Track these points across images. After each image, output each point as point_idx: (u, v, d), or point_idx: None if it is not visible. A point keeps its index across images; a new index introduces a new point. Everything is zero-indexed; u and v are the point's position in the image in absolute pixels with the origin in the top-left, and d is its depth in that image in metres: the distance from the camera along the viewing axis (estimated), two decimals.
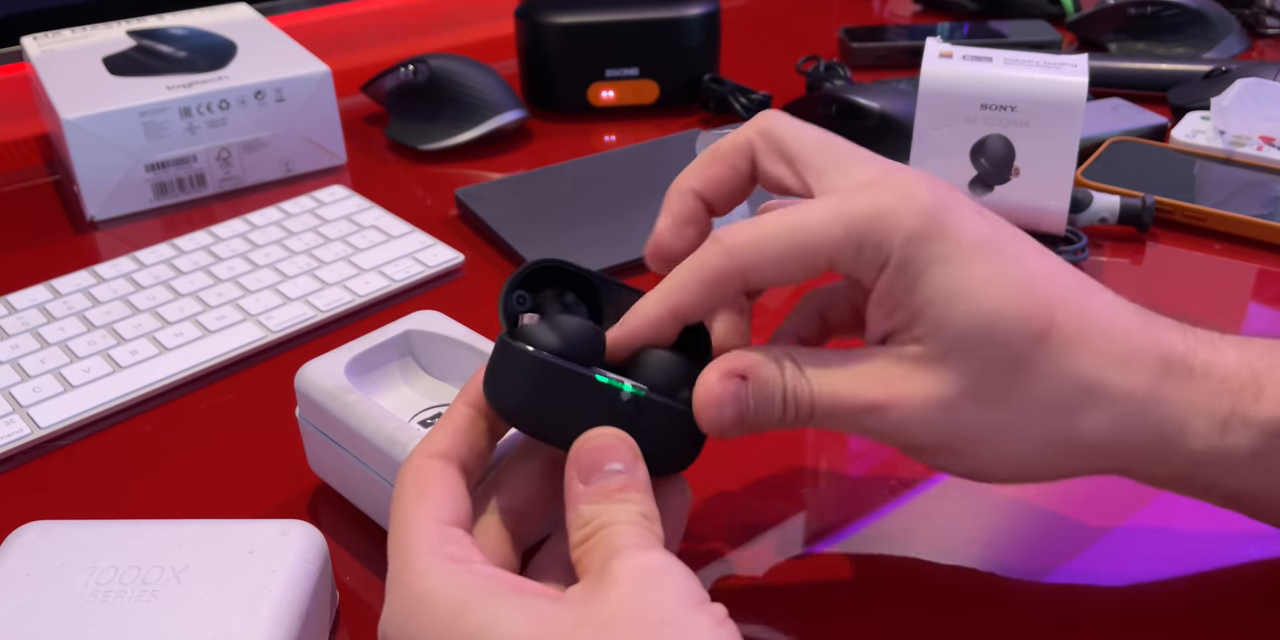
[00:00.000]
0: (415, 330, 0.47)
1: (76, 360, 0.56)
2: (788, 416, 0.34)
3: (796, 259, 0.33)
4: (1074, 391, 0.34)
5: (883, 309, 0.34)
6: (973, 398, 0.33)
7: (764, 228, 0.34)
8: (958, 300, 0.33)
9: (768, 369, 0.34)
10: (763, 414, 0.34)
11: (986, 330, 0.33)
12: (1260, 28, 0.96)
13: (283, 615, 0.37)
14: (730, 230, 0.34)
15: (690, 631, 0.28)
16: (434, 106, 0.79)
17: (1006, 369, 0.33)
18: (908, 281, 0.33)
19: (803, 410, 0.34)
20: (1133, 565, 0.44)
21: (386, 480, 0.42)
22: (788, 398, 0.34)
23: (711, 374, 0.34)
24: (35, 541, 0.39)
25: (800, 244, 0.33)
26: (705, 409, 0.34)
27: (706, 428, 0.34)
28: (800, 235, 0.33)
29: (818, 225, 0.33)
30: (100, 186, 0.70)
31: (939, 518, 0.47)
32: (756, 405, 0.34)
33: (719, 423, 0.34)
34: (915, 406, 0.33)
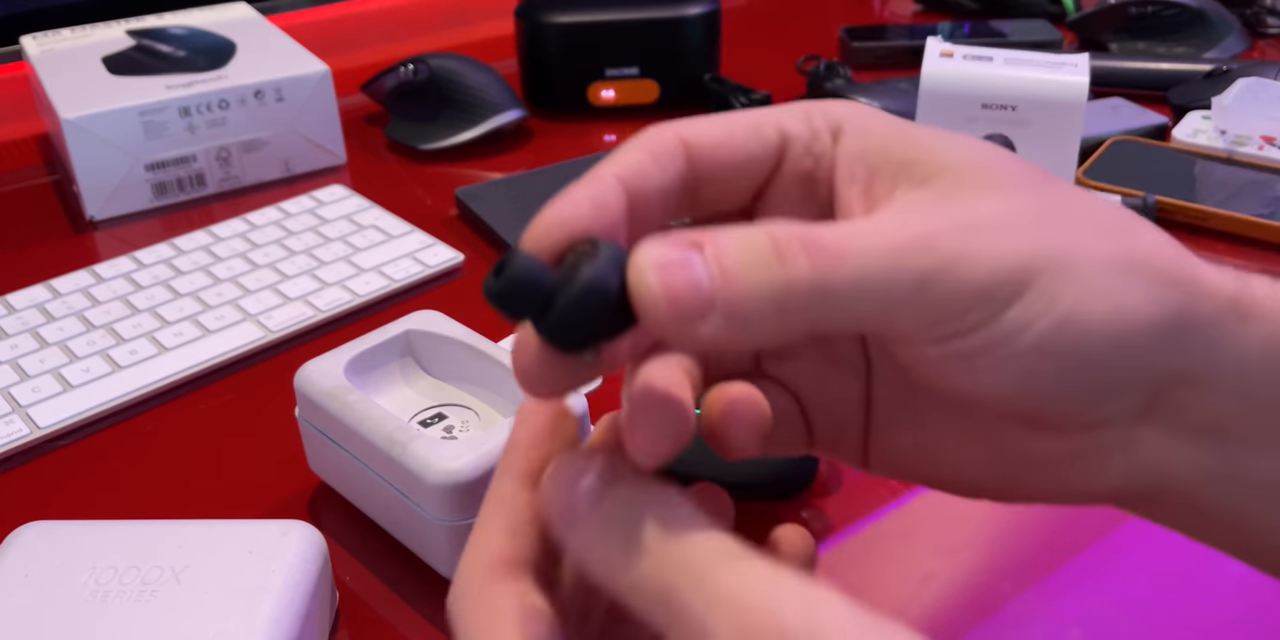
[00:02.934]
0: (415, 330, 0.47)
1: (76, 360, 0.56)
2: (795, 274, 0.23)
3: (744, 127, 0.27)
4: (1118, 210, 0.27)
5: (854, 180, 0.27)
6: (1022, 212, 0.25)
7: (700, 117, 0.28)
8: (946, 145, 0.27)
9: (738, 231, 0.23)
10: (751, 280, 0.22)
11: (991, 161, 0.26)
12: (1261, 27, 0.96)
13: (282, 615, 0.37)
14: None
15: None
16: (434, 106, 0.79)
17: (1036, 189, 0.26)
18: (875, 137, 0.27)
19: (822, 260, 0.23)
20: (1133, 566, 0.44)
21: (386, 480, 0.42)
22: (786, 247, 0.23)
23: (650, 246, 0.23)
24: (35, 541, 0.39)
25: (744, 115, 0.28)
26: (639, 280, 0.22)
27: (652, 315, 0.22)
28: (742, 113, 0.28)
29: (758, 110, 0.28)
30: (100, 186, 0.69)
31: (940, 519, 0.47)
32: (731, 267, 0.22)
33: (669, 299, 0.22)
34: (971, 225, 0.24)
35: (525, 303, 0.23)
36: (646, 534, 0.23)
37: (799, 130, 0.28)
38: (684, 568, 0.22)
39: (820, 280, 0.23)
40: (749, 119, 0.28)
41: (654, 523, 0.23)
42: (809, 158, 0.28)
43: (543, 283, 0.23)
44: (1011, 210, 0.25)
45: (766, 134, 0.27)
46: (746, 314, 0.22)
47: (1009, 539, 0.45)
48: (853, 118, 0.28)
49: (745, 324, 0.23)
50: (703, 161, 0.27)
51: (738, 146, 0.27)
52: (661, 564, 0.22)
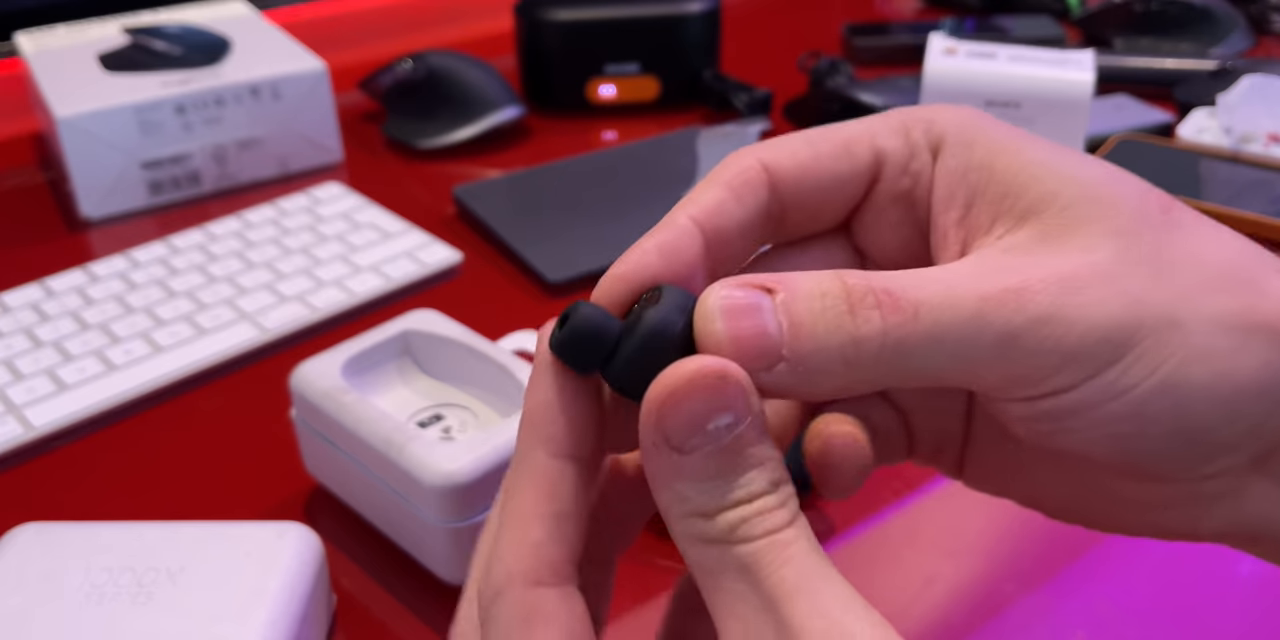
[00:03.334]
0: (413, 330, 0.46)
1: (70, 360, 0.55)
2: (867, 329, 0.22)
3: (831, 147, 0.26)
4: (1245, 249, 0.24)
5: (953, 203, 0.25)
6: (1129, 261, 0.23)
7: (786, 136, 0.26)
8: (1059, 165, 0.24)
9: (812, 275, 0.22)
10: (819, 334, 0.22)
11: (1111, 187, 0.24)
12: (1266, 24, 0.95)
13: (279, 618, 0.37)
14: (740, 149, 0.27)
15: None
16: (432, 103, 0.79)
17: (1159, 225, 0.24)
18: (980, 154, 0.25)
19: (895, 316, 0.22)
20: (1137, 568, 0.43)
21: (384, 482, 0.42)
22: (860, 300, 0.22)
23: (715, 287, 0.22)
24: (30, 543, 0.39)
25: (835, 132, 0.26)
26: (706, 324, 0.22)
27: (711, 349, 0.22)
28: (832, 129, 0.26)
29: (850, 122, 0.26)
30: (94, 184, 0.69)
31: (944, 521, 0.46)
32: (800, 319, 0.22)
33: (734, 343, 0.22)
34: (1067, 281, 0.22)
35: (590, 353, 0.23)
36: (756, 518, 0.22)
37: (895, 147, 0.26)
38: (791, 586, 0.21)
39: (892, 337, 0.22)
40: (840, 137, 0.26)
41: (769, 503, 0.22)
42: (906, 177, 0.26)
43: (606, 332, 0.23)
44: (1118, 259, 0.23)
45: (858, 154, 0.26)
46: (813, 367, 0.22)
47: (1013, 541, 0.45)
48: (956, 130, 0.26)
49: (812, 376, 0.22)
50: (787, 188, 0.26)
51: (825, 170, 0.26)
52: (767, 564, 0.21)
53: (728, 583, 0.22)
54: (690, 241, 0.24)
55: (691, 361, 0.21)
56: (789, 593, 0.21)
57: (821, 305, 0.22)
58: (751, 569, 0.21)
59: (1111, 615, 0.41)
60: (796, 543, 0.21)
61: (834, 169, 0.26)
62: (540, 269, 0.62)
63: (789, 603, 0.21)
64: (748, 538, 0.21)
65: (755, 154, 0.26)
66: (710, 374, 0.21)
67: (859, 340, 0.22)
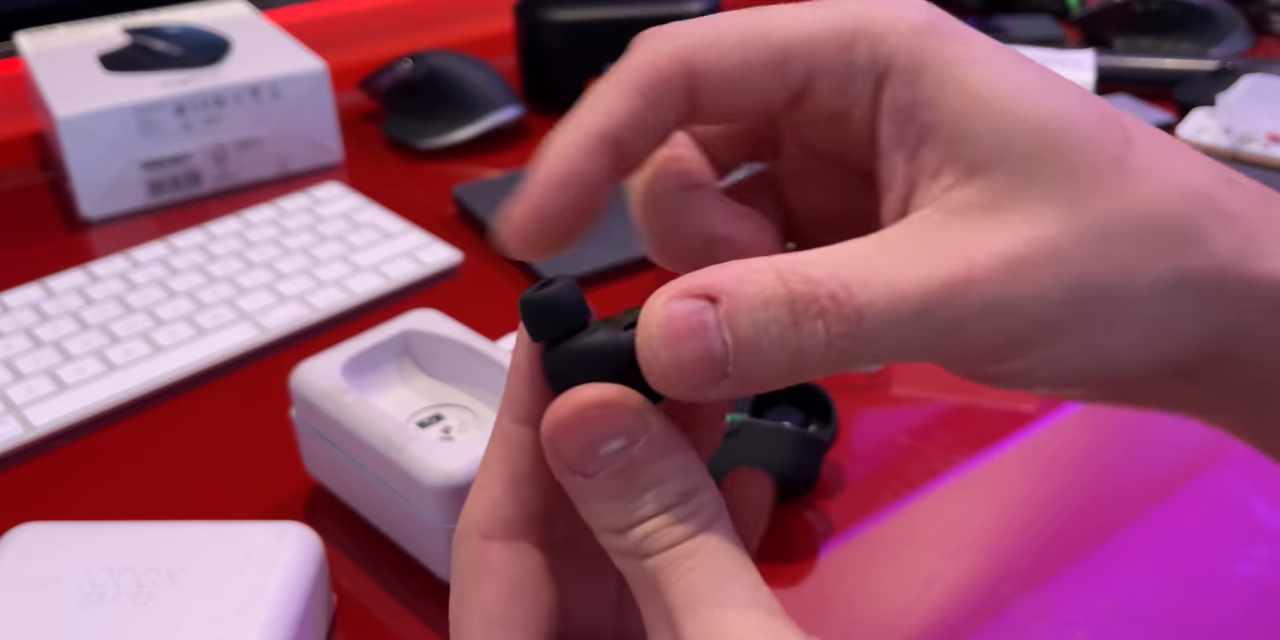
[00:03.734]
0: (413, 330, 0.46)
1: (70, 360, 0.55)
2: (810, 342, 0.21)
3: (763, 55, 0.24)
4: (1192, 198, 0.23)
5: (901, 142, 0.24)
6: (1075, 234, 0.22)
7: (721, 17, 0.24)
8: (1012, 101, 0.23)
9: (755, 277, 0.21)
10: (763, 349, 0.21)
11: (1063, 136, 0.23)
12: (1266, 24, 0.95)
13: (279, 618, 0.37)
14: (669, 24, 0.25)
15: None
16: (432, 103, 0.79)
17: (1109, 181, 0.23)
18: (930, 87, 0.23)
19: (839, 325, 0.21)
20: (1137, 569, 0.43)
21: (383, 482, 0.42)
22: (804, 309, 0.21)
23: (657, 298, 0.22)
24: (30, 543, 0.39)
25: (773, 35, 0.24)
26: (649, 350, 0.21)
27: (661, 384, 0.22)
28: (772, 25, 0.24)
29: (794, 20, 0.24)
30: (94, 184, 0.69)
31: (944, 521, 0.46)
32: (744, 335, 0.21)
33: (679, 370, 0.21)
34: (1013, 266, 0.22)
35: (545, 328, 0.23)
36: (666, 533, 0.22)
37: (831, 68, 0.24)
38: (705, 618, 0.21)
39: (836, 346, 0.21)
40: (775, 44, 0.24)
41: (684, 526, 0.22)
42: (841, 100, 0.24)
43: (569, 316, 0.23)
44: (1065, 233, 0.22)
45: (792, 70, 0.24)
46: (757, 379, 0.22)
47: (1013, 541, 0.45)
48: (906, 52, 0.23)
49: (757, 385, 0.22)
50: (706, 96, 0.24)
51: (752, 82, 0.24)
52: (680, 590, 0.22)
53: (642, 593, 0.22)
54: (600, 166, 0.24)
55: (576, 393, 0.22)
56: (683, 605, 0.21)
57: (765, 318, 0.21)
58: (655, 581, 0.22)
59: (1111, 615, 0.41)
60: (699, 554, 0.22)
61: (761, 83, 0.24)
62: (540, 269, 0.62)
63: (683, 614, 0.21)
64: (650, 552, 0.22)
65: (678, 49, 0.24)
66: (591, 405, 0.22)
67: (804, 351, 0.21)
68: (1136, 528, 0.45)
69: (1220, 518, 0.44)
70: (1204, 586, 0.42)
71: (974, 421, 0.52)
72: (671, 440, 0.23)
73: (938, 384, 0.54)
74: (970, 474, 0.48)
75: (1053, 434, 0.51)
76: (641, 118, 0.24)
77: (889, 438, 0.51)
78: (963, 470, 0.49)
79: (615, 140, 0.24)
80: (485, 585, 0.24)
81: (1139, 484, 0.47)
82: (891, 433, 0.51)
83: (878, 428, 0.51)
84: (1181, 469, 0.48)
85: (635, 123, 0.24)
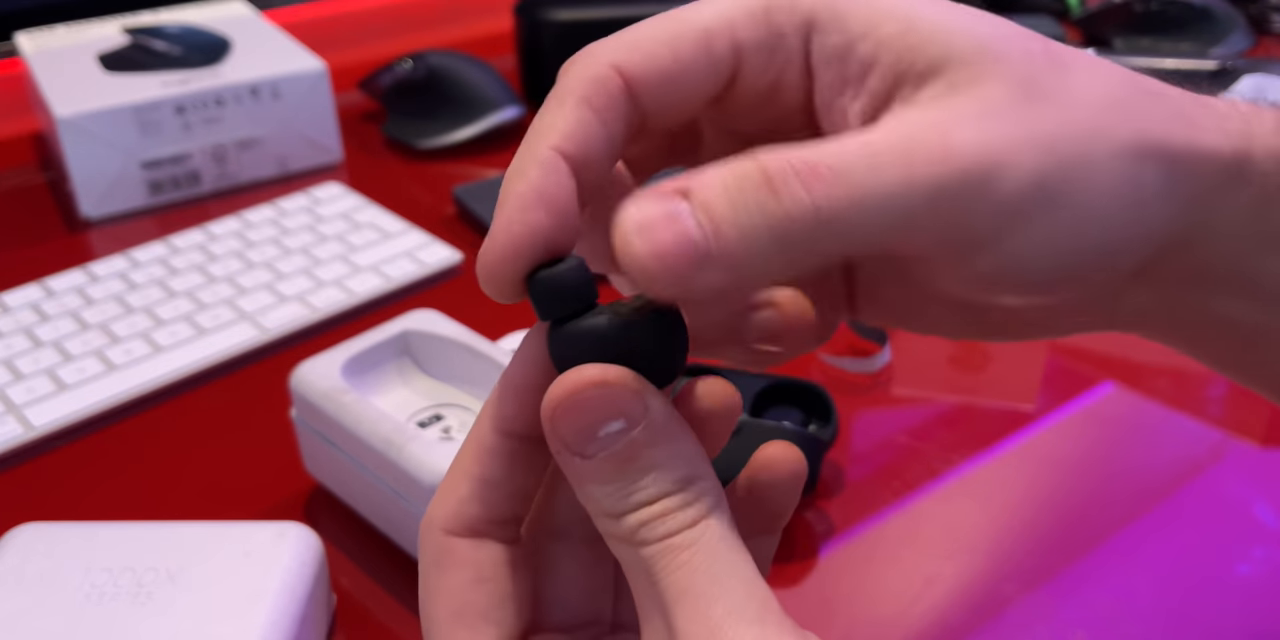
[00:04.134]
0: (413, 330, 0.46)
1: (70, 360, 0.55)
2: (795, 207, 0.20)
3: (688, 45, 0.24)
4: (1122, 82, 0.24)
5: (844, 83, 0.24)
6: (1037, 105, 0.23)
7: (638, 25, 0.25)
8: (942, 19, 0.24)
9: (724, 170, 0.21)
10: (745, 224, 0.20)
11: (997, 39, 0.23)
12: (1266, 24, 0.95)
13: (279, 618, 0.37)
14: (590, 45, 0.24)
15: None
16: (432, 103, 0.79)
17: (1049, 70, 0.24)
18: (860, 23, 0.24)
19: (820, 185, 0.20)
20: (1137, 569, 0.43)
21: (384, 482, 0.42)
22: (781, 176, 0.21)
23: (631, 206, 0.21)
24: (30, 543, 0.39)
25: (692, 24, 0.24)
26: (623, 243, 0.21)
27: (642, 278, 0.21)
28: (688, 17, 0.24)
29: (709, 8, 0.24)
30: (94, 184, 0.69)
31: (944, 521, 0.46)
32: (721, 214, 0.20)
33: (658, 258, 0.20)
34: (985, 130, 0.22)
35: (555, 306, 0.23)
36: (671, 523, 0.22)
37: (757, 39, 0.24)
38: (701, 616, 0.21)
39: (823, 209, 0.20)
40: (697, 30, 0.24)
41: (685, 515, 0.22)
42: (770, 70, 0.25)
43: (578, 295, 0.23)
44: (1028, 104, 0.23)
45: (719, 51, 0.24)
46: (746, 258, 0.21)
47: (1013, 541, 0.45)
48: (822, 5, 0.24)
49: (748, 268, 0.21)
50: (648, 98, 0.24)
51: (686, 74, 0.24)
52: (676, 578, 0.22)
53: (636, 581, 0.22)
54: (567, 184, 0.23)
55: (577, 372, 0.22)
56: (676, 597, 0.21)
57: (741, 192, 0.20)
58: (651, 571, 0.22)
59: (1111, 615, 0.41)
60: (696, 544, 0.21)
61: (694, 71, 0.24)
62: None
63: (675, 607, 0.21)
64: (647, 540, 0.22)
65: (609, 58, 0.24)
66: (591, 384, 0.21)
67: (788, 218, 0.20)
68: (1136, 528, 0.45)
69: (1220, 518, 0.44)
70: (1204, 586, 0.42)
71: (974, 421, 0.52)
72: (673, 426, 0.22)
73: (938, 384, 0.54)
74: (970, 474, 0.48)
75: (1053, 434, 0.51)
76: (592, 130, 0.23)
77: (889, 438, 0.51)
78: (963, 470, 0.49)
79: (573, 156, 0.23)
80: (450, 576, 0.24)
81: (1139, 484, 0.47)
82: (891, 433, 0.51)
83: (878, 428, 0.51)
84: (1181, 469, 0.48)
85: (588, 135, 0.23)
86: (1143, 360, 0.55)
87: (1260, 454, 0.49)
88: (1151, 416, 0.52)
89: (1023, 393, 0.53)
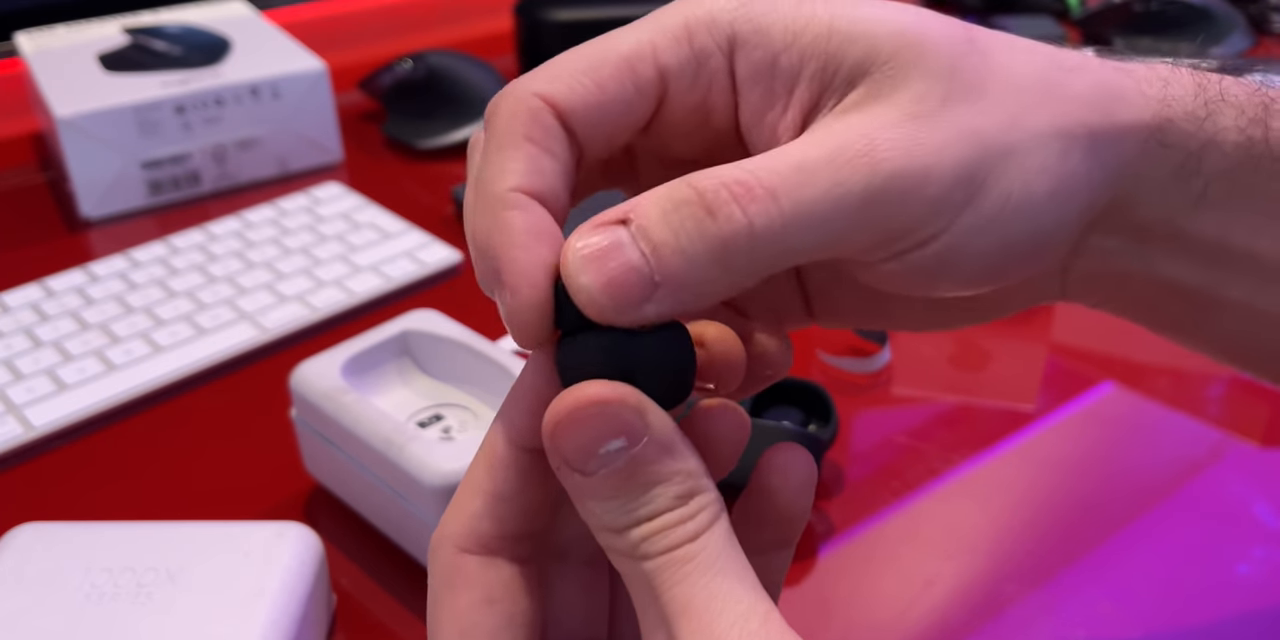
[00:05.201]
0: (412, 330, 0.46)
1: (70, 360, 0.55)
2: (731, 229, 0.21)
3: (611, 72, 0.24)
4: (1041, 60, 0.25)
5: (771, 96, 0.24)
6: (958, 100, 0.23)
7: (556, 59, 0.25)
8: (863, 21, 0.24)
9: (658, 191, 0.22)
10: (685, 247, 0.21)
11: (919, 33, 0.24)
12: (1266, 24, 0.95)
13: (279, 618, 0.37)
14: (511, 83, 0.25)
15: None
16: (432, 103, 0.79)
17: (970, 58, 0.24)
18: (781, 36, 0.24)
19: (755, 206, 0.21)
20: (1138, 570, 0.43)
21: (383, 482, 0.42)
22: (715, 199, 0.21)
23: (575, 238, 0.22)
24: (29, 543, 0.39)
25: (613, 52, 0.24)
26: (571, 280, 0.21)
27: (593, 309, 0.22)
28: (608, 45, 0.24)
29: (628, 35, 0.24)
30: (94, 184, 0.69)
31: (944, 521, 0.46)
32: (661, 239, 0.21)
33: (607, 291, 0.21)
34: (911, 135, 0.23)
35: (572, 317, 0.22)
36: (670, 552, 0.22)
37: (680, 60, 0.24)
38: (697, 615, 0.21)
39: (759, 228, 0.21)
40: (618, 56, 0.24)
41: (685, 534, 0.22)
42: (696, 90, 0.25)
43: None
44: (949, 101, 0.23)
45: (643, 75, 0.24)
46: (692, 281, 0.21)
47: (1013, 542, 0.45)
48: (745, 20, 0.24)
49: (692, 291, 0.21)
50: (579, 127, 0.24)
51: (612, 101, 0.24)
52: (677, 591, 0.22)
53: (639, 595, 0.22)
54: (546, 218, 0.23)
55: (578, 390, 0.22)
56: (679, 611, 0.21)
57: (679, 218, 0.21)
58: (653, 585, 0.22)
59: (1111, 615, 0.41)
60: (698, 558, 0.21)
61: (620, 98, 0.24)
62: None
63: (678, 621, 0.21)
64: (649, 554, 0.22)
65: (533, 92, 0.24)
66: (592, 403, 0.21)
67: (726, 240, 0.21)
68: (1136, 528, 0.45)
69: (1220, 518, 0.44)
70: (1204, 586, 0.42)
71: (974, 421, 0.52)
72: (675, 442, 0.22)
73: (938, 384, 0.54)
74: (970, 474, 0.48)
75: (1053, 434, 0.51)
76: (545, 164, 0.23)
77: (889, 438, 0.51)
78: (962, 470, 0.49)
79: (537, 194, 0.23)
80: (459, 596, 0.24)
81: (1139, 484, 0.48)
82: (891, 433, 0.51)
83: (878, 428, 0.51)
84: (1181, 469, 0.48)
85: (542, 170, 0.23)
86: (1143, 360, 0.55)
87: (1260, 454, 0.49)
88: (1151, 416, 0.52)
89: (1023, 393, 0.53)
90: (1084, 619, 0.41)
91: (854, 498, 0.47)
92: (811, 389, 0.48)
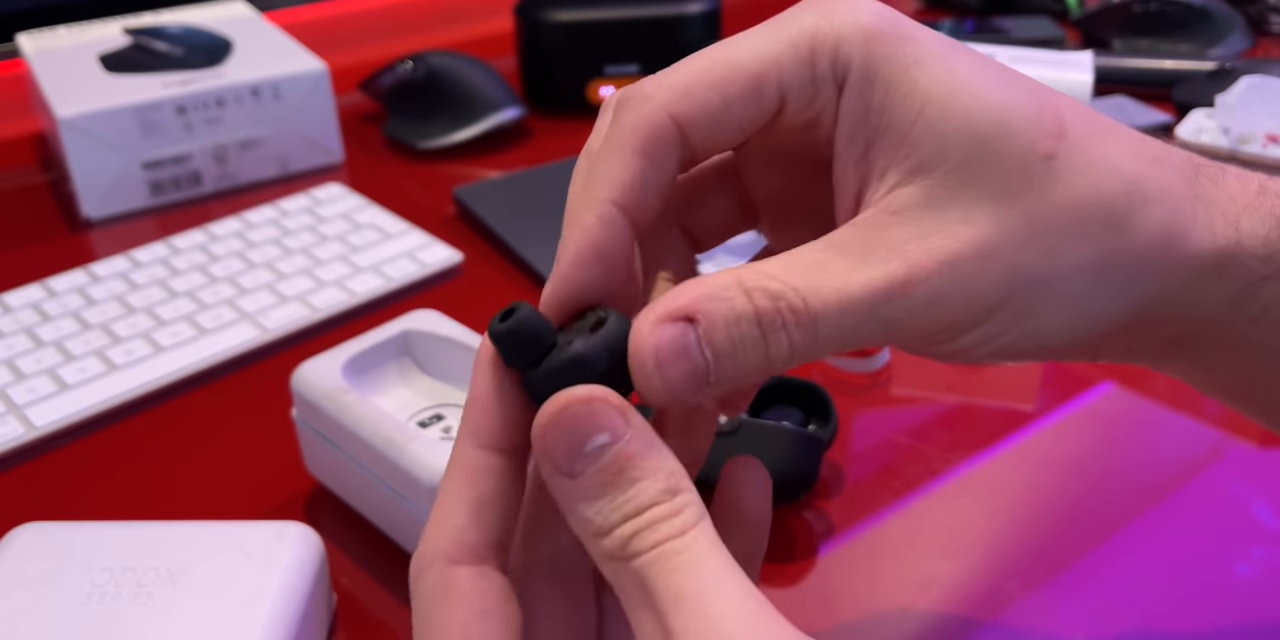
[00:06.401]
0: (413, 330, 0.46)
1: (71, 360, 0.55)
2: (777, 351, 0.24)
3: (739, 90, 0.25)
4: (1118, 185, 0.25)
5: (853, 145, 0.26)
6: (1007, 229, 0.25)
7: (688, 64, 0.26)
8: (956, 99, 0.25)
9: (726, 296, 0.24)
10: (739, 359, 0.24)
11: (998, 138, 0.25)
12: (1265, 25, 0.95)
13: (279, 618, 0.37)
14: (641, 82, 0.26)
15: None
16: (432, 104, 0.79)
17: (1039, 179, 0.25)
18: (880, 94, 0.25)
19: (799, 333, 0.24)
20: (1138, 571, 0.43)
21: (384, 482, 0.42)
22: (770, 323, 0.24)
23: (643, 322, 0.24)
24: (31, 543, 0.39)
25: (741, 69, 0.25)
26: (642, 372, 0.24)
27: (652, 398, 0.24)
28: (738, 59, 0.25)
29: (758, 46, 0.25)
30: (96, 185, 0.69)
31: (943, 522, 0.46)
32: (722, 350, 0.24)
33: (667, 388, 0.24)
34: (949, 264, 0.24)
35: (519, 354, 0.25)
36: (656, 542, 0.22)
37: (801, 84, 0.26)
38: (693, 611, 0.22)
39: (799, 350, 0.24)
40: (747, 75, 0.25)
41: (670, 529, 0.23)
42: (809, 111, 0.26)
43: (539, 338, 0.24)
44: (997, 230, 0.25)
45: (766, 95, 0.25)
46: (735, 382, 0.24)
47: (1012, 542, 0.45)
48: (861, 59, 0.25)
49: (734, 388, 0.25)
50: (699, 142, 0.26)
51: (735, 118, 0.26)
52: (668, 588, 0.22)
53: (630, 597, 0.22)
54: (623, 235, 0.25)
55: (564, 394, 0.23)
56: (674, 599, 0.21)
57: (740, 333, 0.24)
58: (645, 581, 0.22)
59: (1111, 615, 0.41)
60: (689, 549, 0.22)
61: (744, 116, 0.26)
62: (540, 269, 0.62)
63: (673, 609, 0.21)
64: (639, 551, 0.22)
65: (663, 107, 0.25)
66: (578, 401, 0.23)
67: (772, 357, 0.24)
68: (1136, 528, 0.45)
69: (1220, 518, 0.44)
70: (1204, 586, 0.42)
71: (974, 421, 0.52)
72: (655, 440, 0.23)
73: (938, 384, 0.54)
74: (970, 474, 0.49)
75: (1053, 434, 0.51)
76: (648, 178, 0.25)
77: (889, 438, 0.51)
78: (962, 470, 0.49)
79: (630, 208, 0.25)
80: (457, 610, 0.24)
81: (1139, 484, 0.48)
82: (891, 433, 0.51)
83: (877, 428, 0.51)
84: (1181, 469, 0.48)
85: (643, 184, 0.25)
86: None
87: (1260, 454, 0.49)
88: (1151, 416, 0.52)
89: (1022, 393, 0.53)
90: (1083, 619, 0.41)
91: (854, 498, 0.47)
92: (811, 389, 0.48)
